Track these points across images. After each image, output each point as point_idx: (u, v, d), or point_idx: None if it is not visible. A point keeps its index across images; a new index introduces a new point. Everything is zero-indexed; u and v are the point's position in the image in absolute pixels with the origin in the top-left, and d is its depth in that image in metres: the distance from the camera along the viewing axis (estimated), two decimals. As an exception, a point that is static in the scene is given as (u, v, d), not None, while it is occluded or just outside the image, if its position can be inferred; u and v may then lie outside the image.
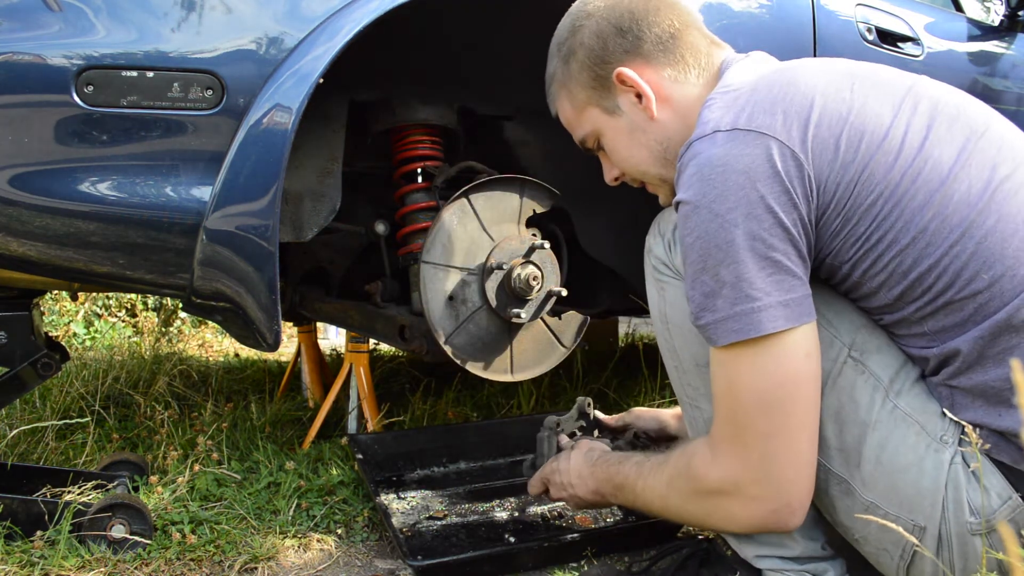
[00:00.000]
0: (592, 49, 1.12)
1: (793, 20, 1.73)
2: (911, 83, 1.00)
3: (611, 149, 1.18)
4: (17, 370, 1.41)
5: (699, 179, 0.93)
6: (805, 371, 0.93)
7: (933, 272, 0.92)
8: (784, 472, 0.95)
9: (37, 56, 1.09)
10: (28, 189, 1.12)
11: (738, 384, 0.95)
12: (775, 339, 0.92)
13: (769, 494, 0.96)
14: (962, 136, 0.94)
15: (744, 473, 0.96)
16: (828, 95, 0.95)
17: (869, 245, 0.94)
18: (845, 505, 1.01)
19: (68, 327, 3.97)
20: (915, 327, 0.96)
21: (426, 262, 1.43)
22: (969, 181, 0.92)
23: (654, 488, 1.10)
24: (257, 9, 1.19)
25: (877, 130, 0.93)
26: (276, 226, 1.20)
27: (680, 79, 1.10)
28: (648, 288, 1.17)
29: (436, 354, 1.49)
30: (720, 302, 0.93)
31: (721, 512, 1.01)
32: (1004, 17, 2.26)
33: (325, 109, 1.57)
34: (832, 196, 0.93)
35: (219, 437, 1.98)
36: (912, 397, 0.97)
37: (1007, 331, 0.90)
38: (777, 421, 0.93)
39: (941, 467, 0.94)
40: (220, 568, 1.36)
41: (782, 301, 0.91)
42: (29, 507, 1.37)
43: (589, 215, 1.87)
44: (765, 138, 0.92)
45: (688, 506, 1.06)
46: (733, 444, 0.97)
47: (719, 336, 0.94)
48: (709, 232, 0.92)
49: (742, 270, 0.91)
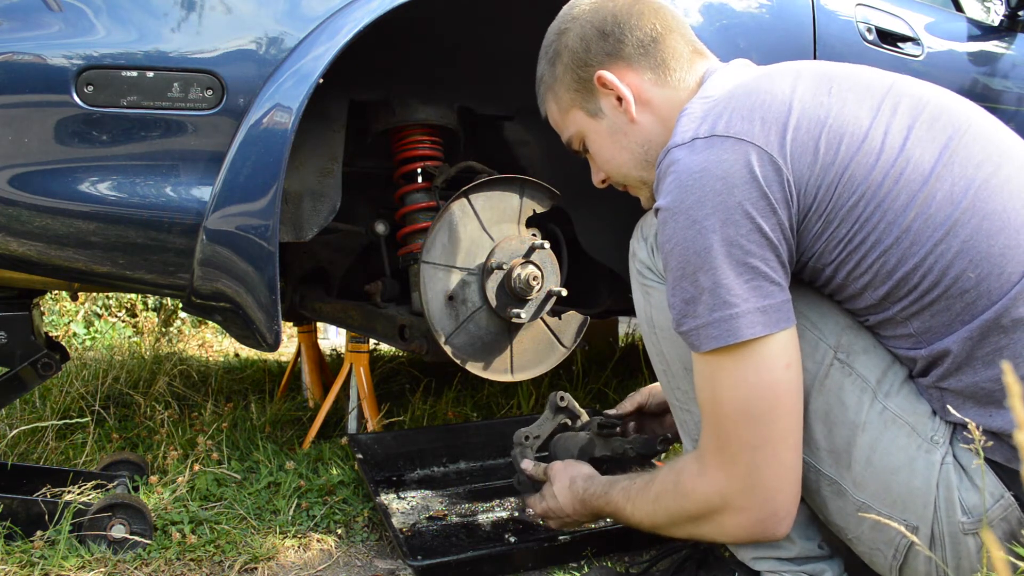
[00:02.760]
0: (575, 52, 1.13)
1: (793, 20, 1.73)
2: (890, 83, 1.00)
3: (595, 151, 1.19)
4: (17, 370, 1.42)
5: (677, 186, 0.94)
6: (785, 380, 0.94)
7: (918, 271, 0.92)
8: (769, 482, 0.96)
9: (37, 56, 1.09)
10: (28, 189, 1.12)
11: (720, 395, 0.96)
12: (754, 346, 0.92)
13: (755, 504, 0.97)
14: (944, 135, 0.94)
15: (730, 485, 0.97)
16: (806, 100, 0.95)
17: (852, 247, 0.94)
18: (837, 505, 1.01)
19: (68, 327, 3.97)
20: (900, 328, 0.96)
21: (426, 262, 1.43)
22: (952, 180, 0.92)
23: (642, 509, 1.12)
24: (257, 9, 1.19)
25: (856, 132, 0.93)
26: (276, 226, 1.20)
27: (661, 83, 1.11)
28: (634, 292, 1.17)
29: (436, 354, 1.49)
30: (700, 308, 0.93)
31: (711, 524, 1.02)
32: (1004, 17, 2.26)
33: (325, 109, 1.57)
34: (813, 199, 0.93)
35: (219, 437, 1.98)
36: (901, 398, 0.97)
37: (995, 331, 0.90)
38: (760, 432, 0.94)
39: (932, 467, 0.94)
40: (220, 568, 1.36)
41: (760, 307, 0.92)
42: (29, 507, 1.37)
43: (589, 215, 1.87)
44: (743, 144, 0.92)
45: (677, 521, 1.07)
46: (719, 456, 0.98)
47: (700, 342, 0.95)
48: (687, 239, 0.93)
49: (719, 276, 0.91)
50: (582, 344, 1.61)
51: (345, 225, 1.80)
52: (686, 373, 1.10)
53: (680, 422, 1.16)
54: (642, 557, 1.45)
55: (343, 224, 1.79)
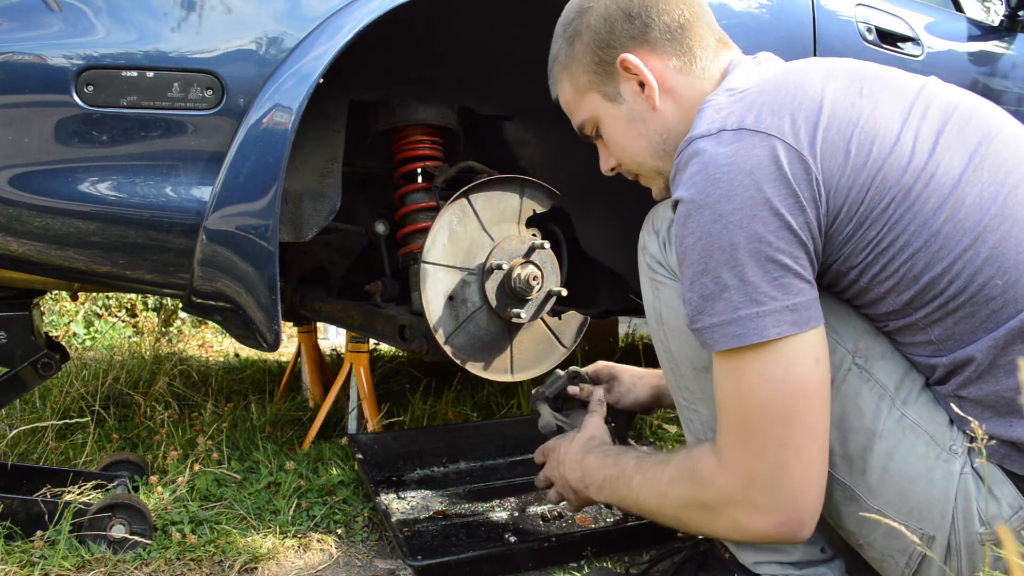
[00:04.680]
0: (598, 32, 1.09)
1: (793, 20, 1.73)
2: (921, 85, 0.98)
3: (609, 137, 1.15)
4: (17, 370, 1.41)
5: (703, 178, 0.91)
6: (815, 378, 0.90)
7: (946, 276, 0.90)
8: (794, 482, 0.91)
9: (37, 56, 1.09)
10: (28, 189, 1.12)
11: (745, 392, 0.92)
12: (781, 344, 0.89)
13: (779, 505, 0.92)
14: (974, 140, 0.93)
15: (752, 482, 0.93)
16: (837, 99, 0.94)
17: (880, 249, 0.92)
18: (849, 511, 0.99)
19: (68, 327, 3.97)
20: (920, 334, 0.95)
21: (426, 262, 1.43)
22: (981, 185, 0.91)
23: (653, 485, 1.06)
24: (257, 9, 1.19)
25: (888, 135, 0.92)
26: (276, 226, 1.20)
27: (685, 71, 1.08)
28: (643, 288, 1.15)
29: (436, 354, 1.49)
30: (720, 306, 0.90)
31: (725, 521, 0.98)
32: (1004, 17, 2.27)
33: (325, 109, 1.57)
34: (844, 200, 0.91)
35: (219, 437, 1.98)
36: (920, 406, 0.95)
37: (1020, 339, 0.89)
38: (787, 430, 0.90)
39: (951, 478, 0.92)
40: (220, 568, 1.36)
41: (788, 306, 0.89)
42: (29, 507, 1.37)
43: (589, 215, 1.87)
44: (772, 139, 0.90)
45: (688, 510, 1.02)
46: (741, 453, 0.93)
47: (715, 341, 0.92)
48: (712, 233, 0.90)
49: (746, 273, 0.89)
50: (582, 344, 1.61)
51: (345, 225, 1.80)
52: (694, 373, 1.08)
53: (685, 421, 1.15)
54: (642, 558, 1.45)
55: (343, 224, 1.79)
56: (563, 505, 1.28)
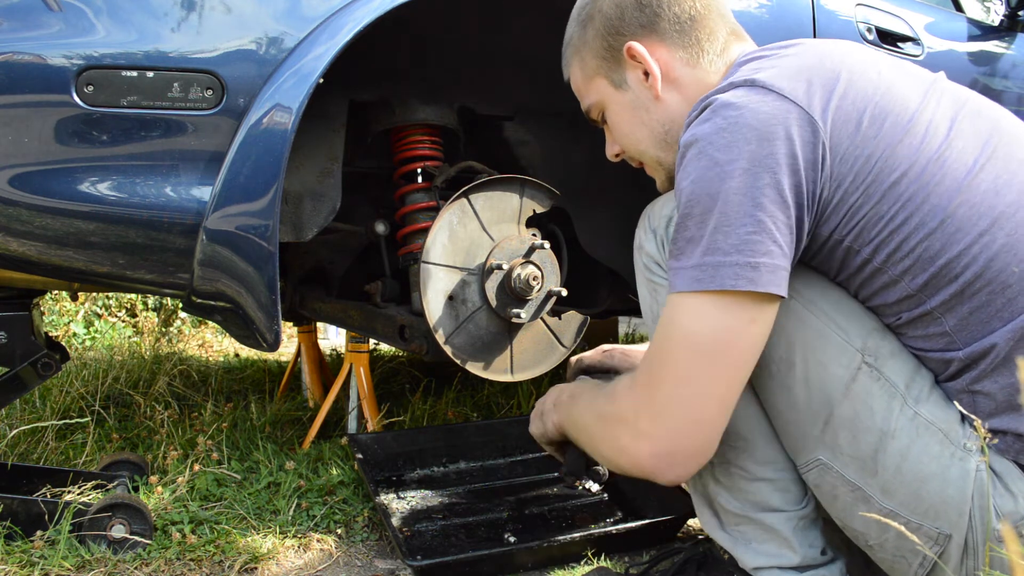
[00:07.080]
0: (609, 18, 1.10)
1: (793, 20, 1.73)
2: (934, 78, 1.00)
3: (613, 124, 1.16)
4: (17, 370, 1.41)
5: (710, 125, 0.92)
6: (745, 335, 0.91)
7: (962, 260, 0.90)
8: (679, 419, 0.92)
9: (37, 56, 1.09)
10: (28, 189, 1.12)
11: (677, 327, 0.93)
12: (728, 296, 0.89)
13: (659, 434, 0.94)
14: (986, 130, 0.94)
15: (645, 406, 0.95)
16: (855, 73, 0.94)
17: (894, 225, 0.91)
18: (858, 511, 0.98)
19: (68, 327, 3.97)
20: (934, 325, 0.94)
21: (426, 262, 1.43)
22: (995, 173, 0.91)
23: (586, 402, 1.10)
24: (257, 8, 1.19)
25: (903, 113, 0.92)
26: (276, 226, 1.20)
27: (692, 63, 1.08)
28: (639, 288, 1.15)
29: (436, 354, 1.48)
30: (696, 249, 0.91)
31: (613, 438, 1.01)
32: (1004, 17, 2.26)
33: (325, 109, 1.57)
34: (850, 168, 0.91)
35: (219, 437, 1.98)
36: (932, 404, 0.94)
37: None
38: (695, 370, 0.91)
39: (967, 476, 0.91)
40: (220, 568, 1.36)
41: (752, 263, 0.88)
42: (29, 507, 1.37)
43: (589, 215, 1.87)
44: (785, 101, 0.90)
45: (598, 422, 1.06)
46: (648, 377, 0.96)
47: (679, 282, 0.92)
48: (706, 179, 0.90)
49: (723, 222, 0.89)
50: (582, 344, 1.61)
51: (345, 225, 1.80)
52: None
53: None
54: (642, 558, 1.45)
55: (343, 224, 1.79)
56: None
